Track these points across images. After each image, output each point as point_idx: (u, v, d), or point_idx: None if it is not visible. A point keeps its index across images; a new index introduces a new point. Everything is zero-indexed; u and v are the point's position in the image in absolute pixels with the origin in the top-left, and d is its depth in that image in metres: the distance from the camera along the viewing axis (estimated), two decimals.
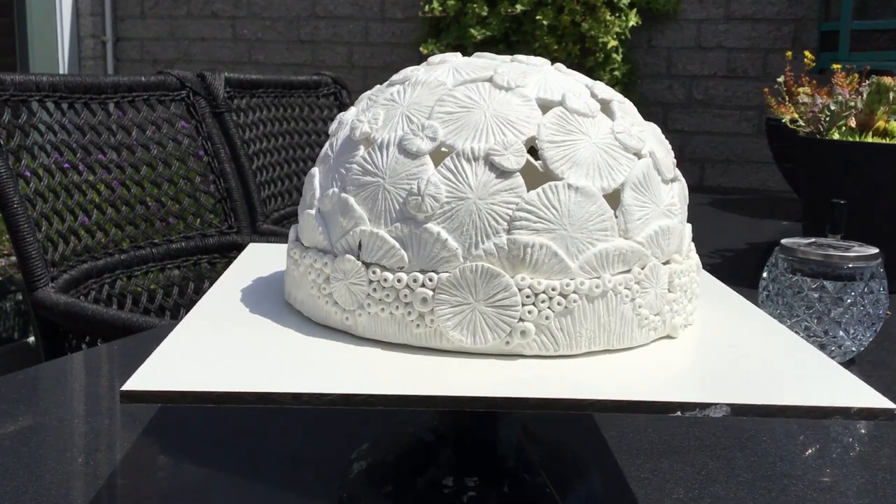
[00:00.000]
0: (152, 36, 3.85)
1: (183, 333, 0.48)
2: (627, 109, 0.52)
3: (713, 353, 0.49)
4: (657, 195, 0.49)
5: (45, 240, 1.26)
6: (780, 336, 0.52)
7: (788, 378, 0.45)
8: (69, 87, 1.40)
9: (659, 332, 0.49)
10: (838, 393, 0.42)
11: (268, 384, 0.41)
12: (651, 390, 0.42)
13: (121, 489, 0.59)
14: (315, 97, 2.07)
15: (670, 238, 0.49)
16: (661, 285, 0.48)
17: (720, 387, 0.43)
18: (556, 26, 2.86)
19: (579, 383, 0.43)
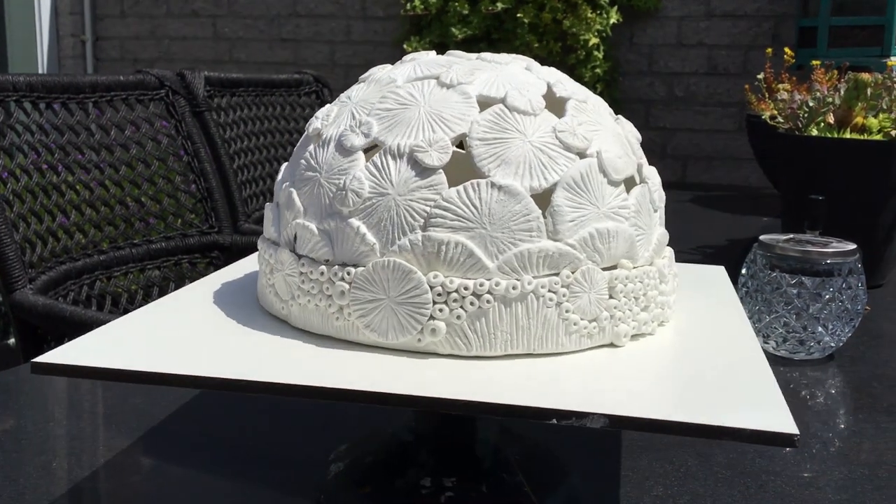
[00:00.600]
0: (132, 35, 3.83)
1: (128, 318, 0.50)
2: (587, 108, 0.50)
3: (641, 364, 0.46)
4: (599, 197, 0.47)
5: (23, 241, 1.25)
6: (738, 347, 0.49)
7: (699, 394, 0.42)
8: (47, 86, 1.39)
9: (596, 340, 0.47)
10: (739, 413, 0.39)
11: (165, 366, 0.43)
12: (532, 396, 0.40)
13: (100, 493, 0.59)
14: (297, 96, 2.06)
15: (612, 242, 0.47)
16: (599, 291, 0.46)
17: (604, 398, 0.40)
18: (537, 24, 2.86)
19: (468, 384, 0.42)
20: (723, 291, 0.62)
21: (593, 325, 0.47)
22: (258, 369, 0.43)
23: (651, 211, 0.51)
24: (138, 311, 0.52)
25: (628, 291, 0.48)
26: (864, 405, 0.75)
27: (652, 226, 0.51)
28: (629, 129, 0.54)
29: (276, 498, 0.57)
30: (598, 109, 0.51)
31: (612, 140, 0.49)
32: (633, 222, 0.48)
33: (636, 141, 0.53)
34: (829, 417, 0.73)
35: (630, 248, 0.48)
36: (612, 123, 0.52)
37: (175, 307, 0.53)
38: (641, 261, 0.49)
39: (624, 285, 0.48)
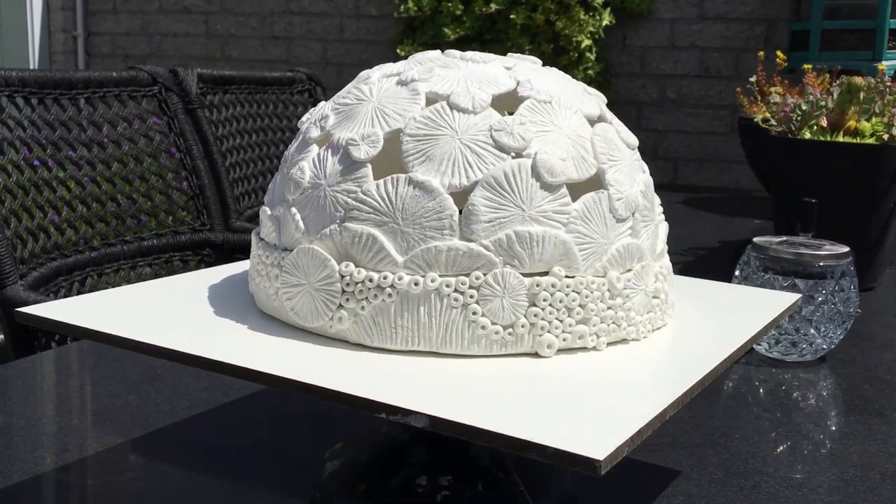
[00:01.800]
0: (124, 31, 3.82)
1: (122, 290, 0.54)
2: (546, 109, 0.48)
3: (539, 375, 0.44)
4: (526, 199, 0.45)
5: (14, 237, 1.25)
6: (662, 374, 0.46)
7: (547, 408, 0.40)
8: (39, 82, 1.39)
9: (512, 348, 0.45)
10: (557, 431, 0.36)
11: (125, 331, 0.47)
12: (373, 389, 0.40)
13: (91, 489, 0.58)
14: (289, 94, 2.06)
15: (536, 247, 0.45)
16: (515, 296, 0.45)
17: (443, 400, 0.40)
18: (530, 25, 2.86)
19: (338, 372, 0.42)
20: (758, 318, 0.56)
21: (508, 331, 0.45)
22: (184, 340, 0.46)
23: (610, 220, 0.48)
24: (133, 285, 0.56)
25: (556, 301, 0.45)
26: (856, 407, 0.75)
27: (609, 236, 0.47)
28: (609, 135, 0.50)
29: (271, 496, 0.57)
30: (561, 111, 0.49)
31: (561, 142, 0.47)
32: (572, 229, 0.46)
33: (620, 147, 0.50)
34: (820, 419, 0.74)
35: (566, 256, 0.46)
36: (576, 126, 0.49)
37: (169, 286, 0.57)
38: (587, 270, 0.47)
39: (550, 294, 0.45)
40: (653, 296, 0.50)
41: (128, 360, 0.82)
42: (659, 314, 0.51)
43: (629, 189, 0.49)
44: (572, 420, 0.38)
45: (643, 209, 0.50)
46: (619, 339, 0.49)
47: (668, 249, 0.56)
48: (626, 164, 0.50)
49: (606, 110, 0.53)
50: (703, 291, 0.63)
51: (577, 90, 0.52)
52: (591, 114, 0.51)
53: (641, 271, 0.49)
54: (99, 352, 0.86)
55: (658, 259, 0.52)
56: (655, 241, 0.52)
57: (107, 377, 0.79)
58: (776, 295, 0.62)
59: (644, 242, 0.50)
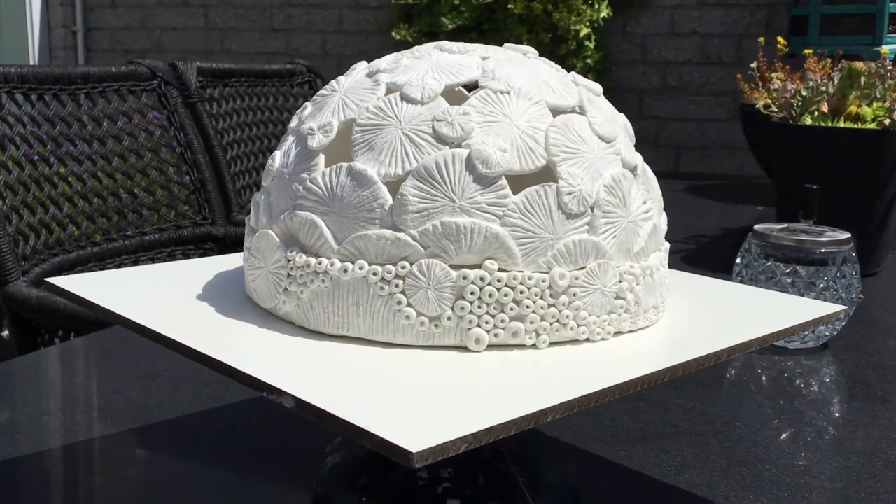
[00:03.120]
0: (123, 25, 3.81)
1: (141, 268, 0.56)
2: (498, 99, 0.47)
3: (446, 367, 0.43)
4: (458, 190, 0.45)
5: (15, 233, 1.25)
6: (571, 370, 0.44)
7: (415, 400, 0.39)
8: (38, 77, 1.38)
9: (438, 339, 0.45)
10: (392, 420, 0.36)
11: (127, 312, 0.48)
12: (262, 368, 0.41)
13: (95, 485, 0.59)
14: (289, 86, 2.06)
15: (465, 239, 0.44)
16: (442, 288, 0.44)
17: (310, 382, 0.40)
18: (527, 15, 2.85)
19: (247, 351, 0.45)
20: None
21: (434, 323, 0.44)
22: (167, 323, 0.47)
23: (557, 215, 0.46)
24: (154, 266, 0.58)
25: (486, 295, 0.44)
26: (859, 394, 0.75)
27: (557, 231, 0.46)
28: (574, 126, 0.48)
29: (273, 490, 0.57)
30: (518, 102, 0.48)
31: (507, 133, 0.46)
32: (508, 222, 0.45)
33: (587, 139, 0.48)
34: (823, 406, 0.74)
35: (501, 250, 0.45)
36: (533, 116, 0.47)
37: (183, 270, 0.59)
38: (528, 266, 0.45)
39: (479, 287, 0.44)
40: (615, 296, 0.47)
41: (130, 355, 0.82)
42: (625, 317, 0.48)
43: (586, 184, 0.47)
44: (419, 413, 0.38)
45: (605, 205, 0.47)
46: (567, 339, 0.46)
47: (670, 237, 0.55)
48: (591, 157, 0.48)
49: (595, 101, 0.51)
50: (722, 294, 0.59)
51: (554, 80, 0.50)
52: (560, 105, 0.48)
53: (597, 270, 0.46)
54: (101, 348, 0.86)
55: (635, 259, 0.49)
56: (630, 240, 0.49)
57: (109, 373, 0.79)
58: (791, 306, 0.57)
59: (606, 240, 0.47)
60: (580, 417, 0.68)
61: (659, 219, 0.53)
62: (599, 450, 0.63)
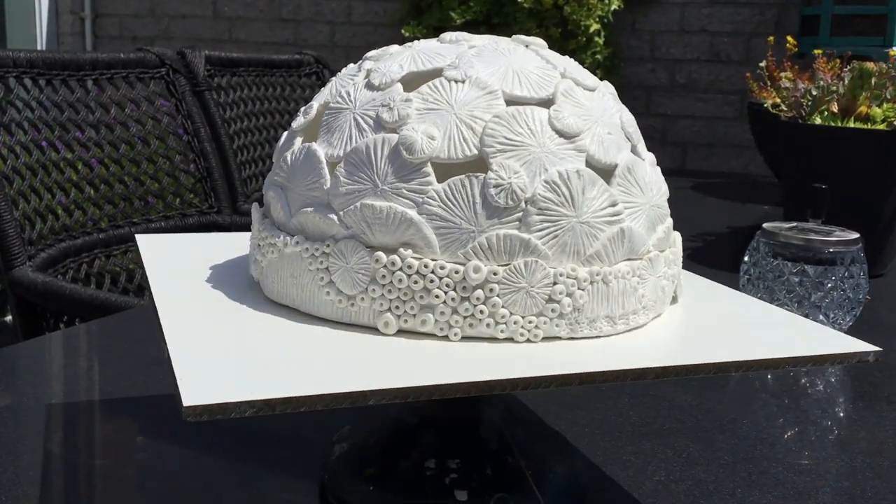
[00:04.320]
0: (132, 12, 3.81)
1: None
2: (453, 88, 0.47)
3: (310, 342, 0.45)
4: (381, 174, 0.45)
5: (22, 218, 1.25)
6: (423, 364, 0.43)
7: (243, 364, 0.41)
8: (47, 63, 1.38)
9: (356, 318, 0.46)
10: (207, 383, 0.38)
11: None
12: (174, 325, 0.44)
13: (99, 469, 0.59)
14: (297, 76, 2.05)
15: (380, 223, 0.45)
16: (358, 269, 0.45)
17: (191, 346, 0.42)
18: (537, 9, 2.85)
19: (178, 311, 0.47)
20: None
21: (350, 302, 0.45)
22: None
23: (482, 207, 0.44)
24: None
25: (396, 280, 0.44)
26: (864, 394, 0.75)
27: (480, 223, 0.44)
28: (525, 119, 0.46)
29: (280, 479, 0.57)
30: (470, 91, 0.47)
31: (444, 122, 0.46)
32: (426, 210, 0.44)
33: (539, 133, 0.46)
34: (828, 406, 0.74)
35: (417, 237, 0.44)
36: (480, 107, 0.46)
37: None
38: (447, 256, 0.44)
39: (390, 272, 0.44)
40: (546, 299, 0.45)
41: (135, 341, 0.82)
42: (560, 323, 0.45)
43: (521, 178, 0.45)
44: (232, 375, 0.39)
45: (543, 202, 0.45)
46: (485, 336, 0.45)
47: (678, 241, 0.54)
48: (536, 151, 0.46)
49: (574, 95, 0.48)
50: (720, 306, 0.56)
51: (534, 73, 0.49)
52: (521, 96, 0.47)
53: (522, 268, 0.44)
54: (107, 333, 0.86)
55: (587, 263, 0.46)
56: (580, 242, 0.46)
57: (115, 358, 0.79)
58: (787, 334, 0.51)
59: (542, 239, 0.45)
60: (587, 412, 0.68)
61: (639, 224, 0.48)
62: (606, 444, 0.63)
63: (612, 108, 0.51)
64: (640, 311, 0.48)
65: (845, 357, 0.47)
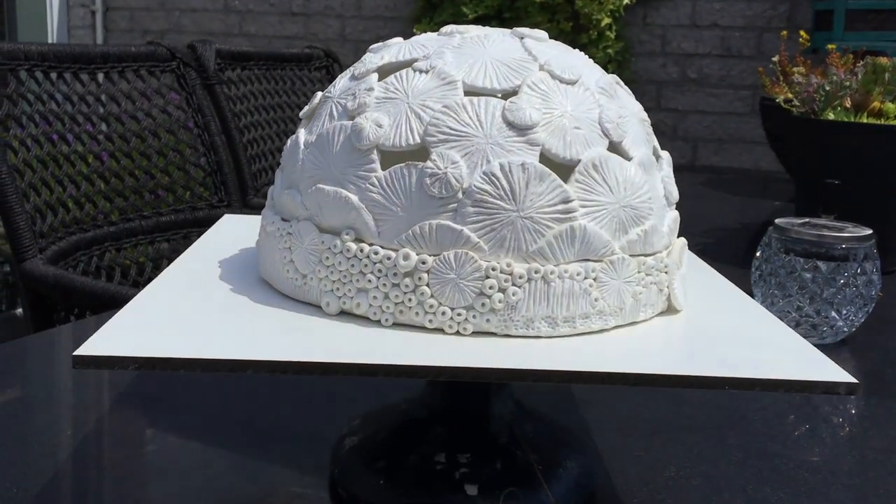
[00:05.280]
0: (142, 6, 3.81)
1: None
2: (413, 78, 0.48)
3: (252, 316, 0.47)
4: (335, 161, 0.47)
5: (33, 211, 1.25)
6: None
7: (173, 329, 0.44)
8: (58, 56, 1.39)
9: (306, 297, 0.48)
10: (123, 341, 0.43)
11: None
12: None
13: (109, 462, 0.59)
14: (307, 70, 2.05)
15: (326, 206, 0.47)
16: (308, 250, 0.47)
17: (139, 320, 0.45)
18: (549, 3, 2.84)
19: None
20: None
21: (303, 281, 0.48)
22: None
23: (417, 196, 0.45)
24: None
25: (336, 263, 0.46)
26: (877, 390, 0.75)
27: (415, 212, 0.45)
28: (478, 111, 0.46)
29: (290, 472, 0.57)
30: (428, 81, 0.47)
31: (395, 110, 0.46)
32: (367, 196, 0.45)
33: (487, 125, 0.45)
34: (840, 402, 0.73)
35: (359, 221, 0.46)
36: (433, 97, 0.47)
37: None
38: (384, 242, 0.45)
39: (332, 255, 0.46)
40: (477, 292, 0.44)
41: None
42: (491, 318, 0.44)
43: (459, 169, 0.44)
44: (139, 336, 0.43)
45: (479, 193, 0.44)
46: (415, 324, 0.45)
47: (685, 230, 0.54)
48: (482, 143, 0.45)
49: (543, 87, 0.47)
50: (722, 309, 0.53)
51: (507, 64, 0.48)
52: (481, 87, 0.47)
53: (452, 259, 0.44)
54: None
55: (530, 259, 0.45)
56: (522, 238, 0.44)
57: None
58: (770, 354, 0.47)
59: (477, 231, 0.44)
60: (597, 407, 0.68)
61: (600, 224, 0.46)
62: (616, 440, 0.63)
63: (589, 103, 0.48)
64: (592, 316, 0.46)
65: (807, 386, 0.41)
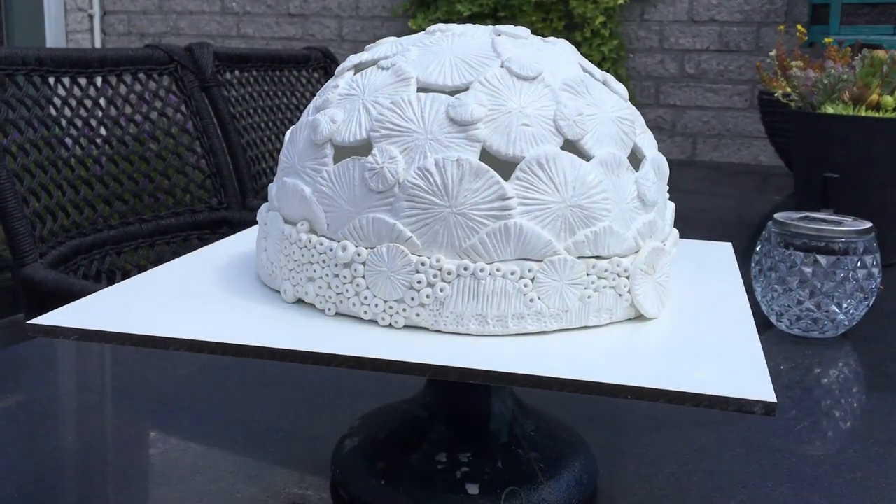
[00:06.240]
0: (139, 9, 3.81)
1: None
2: (373, 75, 0.49)
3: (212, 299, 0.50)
4: (299, 154, 0.50)
5: (33, 215, 1.25)
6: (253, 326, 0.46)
7: (143, 310, 0.48)
8: (56, 60, 1.39)
9: (274, 284, 0.51)
10: (88, 318, 0.46)
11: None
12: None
13: (111, 465, 0.59)
14: (305, 71, 2.05)
15: (285, 199, 0.50)
16: (275, 241, 0.50)
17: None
18: (543, 2, 2.84)
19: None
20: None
21: (272, 269, 0.51)
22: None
23: (360, 189, 0.46)
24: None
25: (291, 253, 0.49)
26: (878, 384, 0.75)
27: (358, 205, 0.46)
28: (422, 108, 0.46)
29: (291, 473, 0.57)
30: (382, 78, 0.48)
31: (351, 106, 0.48)
32: (318, 188, 0.47)
33: (429, 120, 0.46)
34: (842, 396, 0.73)
35: (311, 214, 0.48)
36: (384, 93, 0.47)
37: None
38: (332, 234, 0.47)
39: (288, 245, 0.49)
40: (407, 286, 0.44)
41: None
42: (421, 311, 0.45)
43: (395, 164, 0.45)
44: (84, 314, 0.46)
45: (412, 188, 0.44)
46: (353, 314, 0.46)
47: (685, 226, 0.54)
48: (421, 138, 0.45)
49: (491, 85, 0.47)
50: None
51: (467, 61, 0.48)
52: (433, 83, 0.47)
53: (384, 252, 0.45)
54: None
55: (463, 256, 0.44)
56: (455, 234, 0.44)
57: (126, 354, 0.79)
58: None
59: (411, 226, 0.44)
60: (598, 404, 0.68)
61: (541, 224, 0.44)
62: (617, 437, 0.63)
63: (545, 100, 0.47)
64: (528, 317, 0.45)
65: (717, 402, 0.40)
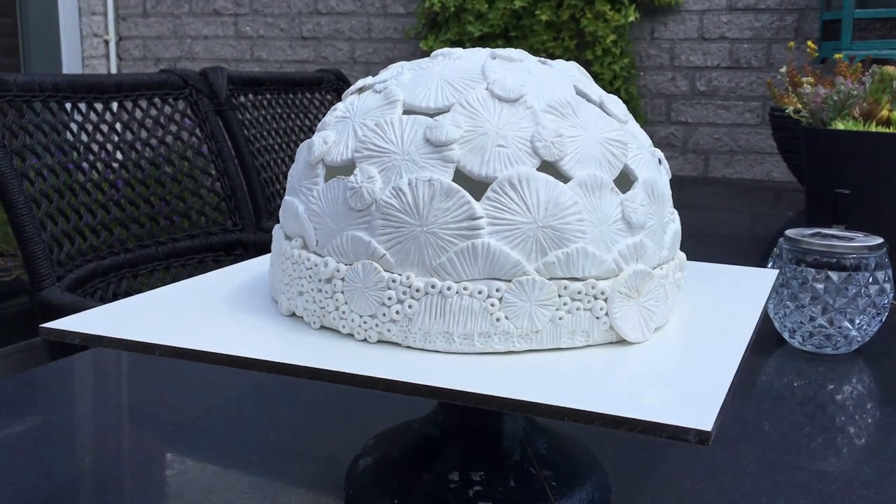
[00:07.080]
0: (154, 34, 3.85)
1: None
2: (364, 99, 0.51)
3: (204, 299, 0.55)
4: (297, 174, 0.52)
5: (50, 240, 1.27)
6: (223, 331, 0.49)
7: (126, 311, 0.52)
8: (72, 86, 1.41)
9: (274, 295, 0.54)
10: (82, 322, 0.50)
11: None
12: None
13: (129, 487, 0.59)
14: (318, 93, 2.07)
15: (284, 215, 0.53)
16: (277, 249, 0.53)
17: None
18: (554, 22, 2.85)
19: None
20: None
21: (275, 283, 0.54)
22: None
23: (343, 208, 0.47)
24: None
25: (286, 267, 0.51)
26: (892, 400, 0.75)
27: (341, 223, 0.47)
28: (404, 130, 0.47)
29: (305, 493, 0.57)
30: (374, 101, 0.50)
31: (342, 128, 0.50)
32: (310, 207, 0.50)
33: (407, 142, 0.47)
34: (855, 412, 0.73)
35: (302, 230, 0.50)
36: (372, 115, 0.49)
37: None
38: (321, 251, 0.49)
39: (284, 259, 0.51)
40: (380, 303, 0.46)
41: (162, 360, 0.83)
42: (392, 327, 0.46)
43: (373, 183, 0.46)
44: (93, 321, 0.50)
45: (386, 207, 0.45)
46: (335, 328, 0.48)
47: (697, 242, 0.54)
48: (398, 159, 0.46)
49: (471, 107, 0.47)
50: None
51: (452, 83, 0.49)
52: (417, 106, 0.49)
53: (360, 269, 0.46)
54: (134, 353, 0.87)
55: (433, 274, 0.45)
56: (424, 252, 0.45)
57: (142, 377, 0.80)
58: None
59: (385, 244, 0.46)
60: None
61: (510, 244, 0.45)
62: (629, 454, 0.63)
63: (524, 122, 0.47)
64: (495, 336, 0.45)
65: (652, 428, 0.41)
